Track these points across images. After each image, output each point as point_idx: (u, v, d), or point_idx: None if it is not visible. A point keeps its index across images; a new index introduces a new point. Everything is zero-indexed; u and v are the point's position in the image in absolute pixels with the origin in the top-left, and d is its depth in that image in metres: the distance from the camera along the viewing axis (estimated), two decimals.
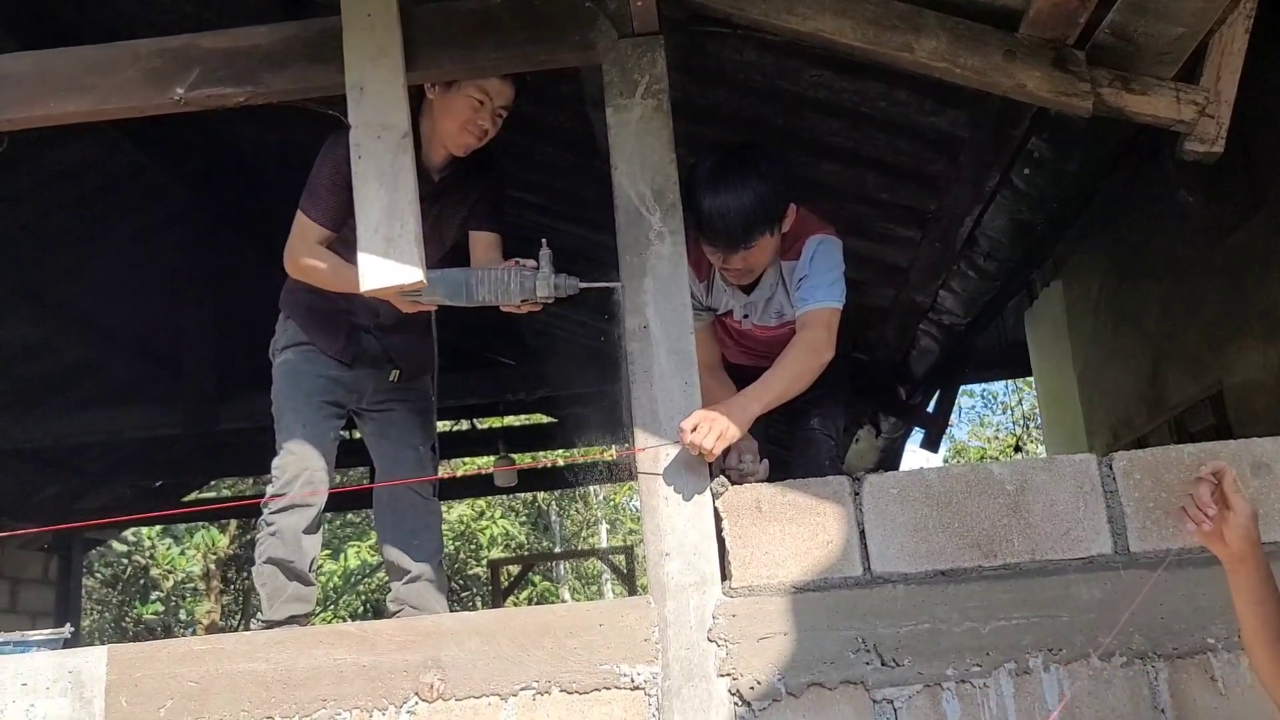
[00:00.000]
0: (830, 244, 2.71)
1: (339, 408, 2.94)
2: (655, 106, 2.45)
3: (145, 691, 2.25)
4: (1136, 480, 2.22)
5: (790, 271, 2.74)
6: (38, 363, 6.51)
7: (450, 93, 2.68)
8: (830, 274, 2.67)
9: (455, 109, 2.69)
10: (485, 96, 2.68)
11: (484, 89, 2.67)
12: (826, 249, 2.70)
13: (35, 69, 2.61)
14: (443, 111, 2.71)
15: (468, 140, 2.73)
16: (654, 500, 2.27)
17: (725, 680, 2.15)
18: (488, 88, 2.67)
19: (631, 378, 2.35)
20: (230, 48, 2.58)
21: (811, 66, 2.88)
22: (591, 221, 4.39)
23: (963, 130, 2.95)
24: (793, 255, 2.73)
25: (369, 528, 16.07)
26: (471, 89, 2.67)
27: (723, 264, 2.70)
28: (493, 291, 2.45)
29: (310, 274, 2.75)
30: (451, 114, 2.70)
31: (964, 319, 4.33)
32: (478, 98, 2.67)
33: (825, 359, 2.57)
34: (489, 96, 2.68)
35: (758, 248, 2.63)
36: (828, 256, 2.69)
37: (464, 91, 2.67)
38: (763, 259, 2.70)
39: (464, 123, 2.70)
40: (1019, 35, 2.30)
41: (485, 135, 2.74)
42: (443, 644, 2.24)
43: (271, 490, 2.78)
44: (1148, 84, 2.29)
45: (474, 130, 2.71)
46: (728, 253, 2.64)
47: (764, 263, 2.72)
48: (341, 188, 2.57)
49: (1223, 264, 4.20)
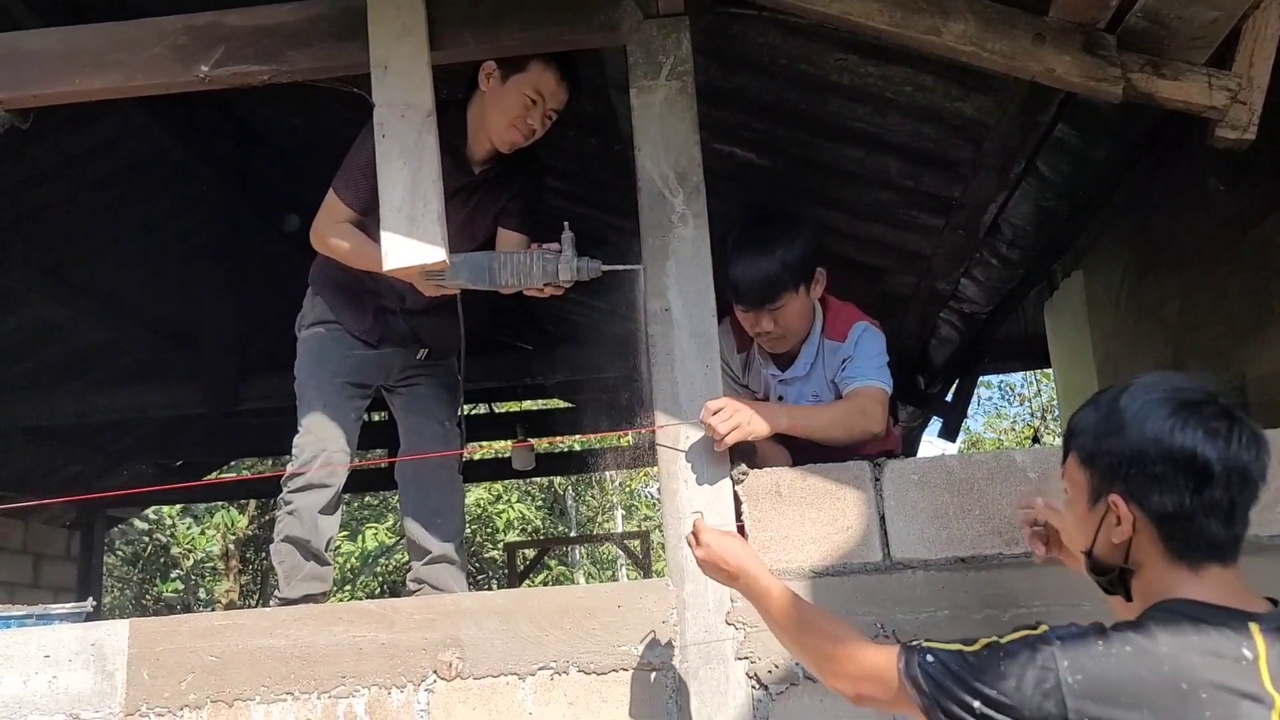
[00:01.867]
0: (875, 333, 2.75)
1: (364, 388, 2.95)
2: (680, 88, 2.44)
3: (166, 665, 2.27)
4: None
5: (834, 351, 2.76)
6: (61, 342, 6.56)
7: (505, 87, 2.64)
8: (878, 358, 2.68)
9: (507, 104, 2.66)
10: (539, 96, 2.65)
11: (539, 88, 2.64)
12: (872, 335, 2.73)
13: (62, 45, 2.63)
14: (494, 104, 2.67)
15: (514, 138, 2.70)
16: (674, 483, 2.27)
17: (743, 663, 2.15)
18: (543, 87, 2.64)
19: (652, 361, 2.35)
20: (256, 25, 2.59)
21: (837, 50, 2.86)
22: (612, 206, 4.39)
23: (989, 116, 2.92)
24: (838, 336, 2.75)
25: (387, 509, 16.17)
26: (527, 86, 2.63)
27: (754, 326, 2.71)
28: (515, 275, 2.46)
29: (335, 250, 2.75)
30: (502, 108, 2.67)
31: (985, 308, 4.31)
32: (531, 96, 2.64)
33: (871, 429, 2.54)
34: (543, 96, 2.65)
35: (786, 308, 2.66)
36: (874, 342, 2.72)
37: (519, 87, 2.64)
38: (793, 323, 2.72)
39: (513, 119, 2.67)
40: (1049, 18, 2.28)
41: (533, 135, 2.71)
42: (462, 623, 2.25)
43: (291, 468, 2.80)
44: (1179, 69, 2.26)
45: (522, 128, 2.68)
46: (757, 311, 2.67)
47: (795, 328, 2.74)
48: (374, 174, 2.56)
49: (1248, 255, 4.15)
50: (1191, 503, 1.36)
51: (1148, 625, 1.33)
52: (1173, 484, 1.37)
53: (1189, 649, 1.29)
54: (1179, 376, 1.45)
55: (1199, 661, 1.28)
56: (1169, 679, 1.27)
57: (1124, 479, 1.41)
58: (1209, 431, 1.36)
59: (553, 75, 2.64)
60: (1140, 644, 1.31)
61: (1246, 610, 1.35)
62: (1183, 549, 1.38)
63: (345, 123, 2.85)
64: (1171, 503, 1.37)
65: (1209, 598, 1.36)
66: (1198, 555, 1.38)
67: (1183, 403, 1.39)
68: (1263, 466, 1.39)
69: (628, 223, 2.57)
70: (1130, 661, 1.30)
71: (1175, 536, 1.38)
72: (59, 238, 5.68)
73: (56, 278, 5.87)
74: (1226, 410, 1.39)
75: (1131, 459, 1.40)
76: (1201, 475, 1.36)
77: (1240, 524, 1.39)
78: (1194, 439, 1.36)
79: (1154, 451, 1.38)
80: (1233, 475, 1.36)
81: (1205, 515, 1.37)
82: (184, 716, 2.25)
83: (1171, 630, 1.31)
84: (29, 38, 2.66)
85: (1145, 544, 1.41)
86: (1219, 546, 1.38)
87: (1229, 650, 1.30)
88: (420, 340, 2.98)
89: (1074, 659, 1.31)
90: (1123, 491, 1.41)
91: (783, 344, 2.79)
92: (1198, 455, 1.35)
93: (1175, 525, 1.38)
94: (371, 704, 2.22)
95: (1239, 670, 1.28)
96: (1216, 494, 1.36)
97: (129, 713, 2.26)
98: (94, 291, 6.16)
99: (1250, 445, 1.37)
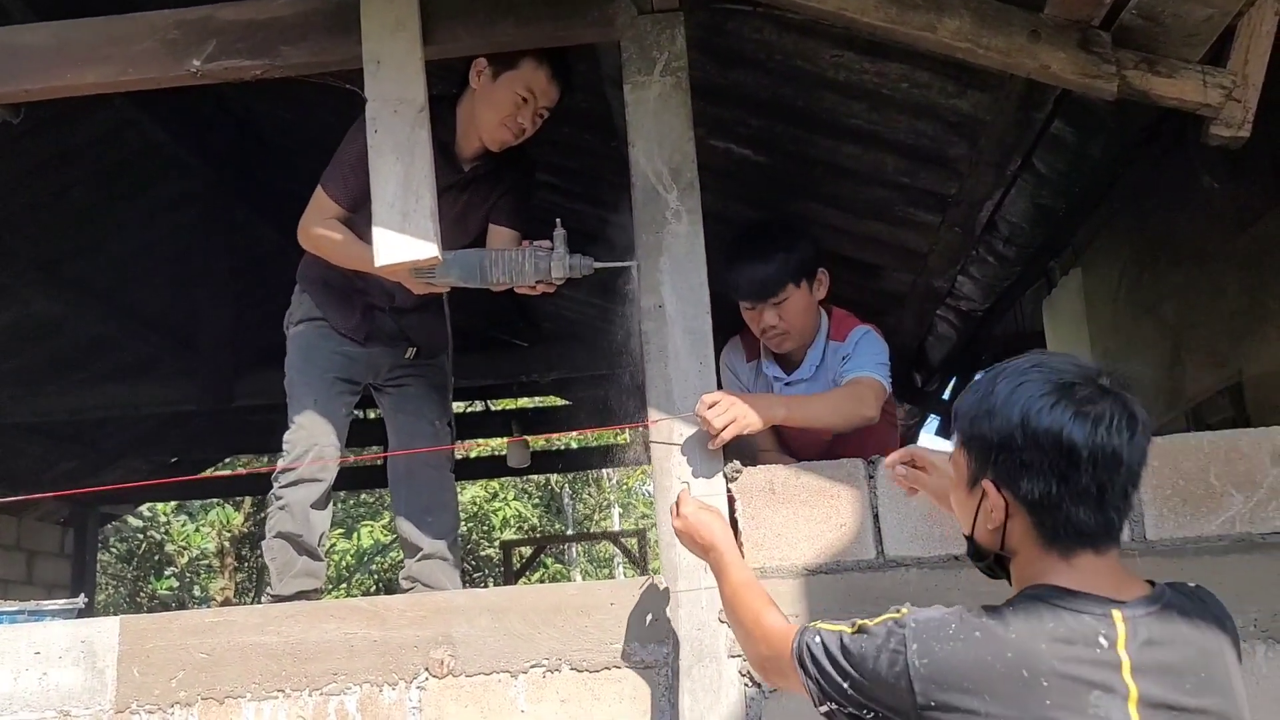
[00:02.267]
0: (877, 337, 2.80)
1: (353, 384, 2.94)
2: (674, 84, 2.43)
3: (156, 662, 2.26)
4: (1154, 468, 2.20)
5: (834, 351, 2.82)
6: (55, 337, 6.54)
7: (495, 84, 2.62)
8: (876, 357, 2.72)
9: (498, 101, 2.64)
10: (530, 94, 2.63)
11: (530, 86, 2.62)
12: (873, 338, 2.79)
13: (54, 39, 2.62)
14: (484, 101, 2.65)
15: (504, 136, 2.68)
16: (667, 480, 2.26)
17: (736, 661, 2.15)
18: (534, 85, 2.62)
19: (646, 357, 2.34)
20: (248, 20, 2.57)
21: (832, 47, 2.85)
22: (607, 202, 4.37)
23: (985, 113, 2.91)
24: (840, 338, 2.81)
25: (382, 507, 16.15)
26: (518, 84, 2.61)
27: (759, 323, 2.76)
28: (507, 272, 2.44)
29: (321, 246, 2.73)
30: (493, 105, 2.64)
31: (982, 305, 4.30)
32: (522, 94, 2.62)
33: (866, 414, 2.57)
34: (534, 94, 2.63)
35: (789, 302, 2.73)
36: (874, 344, 2.77)
37: (510, 85, 2.62)
38: (797, 319, 2.77)
39: (504, 117, 2.65)
40: (1044, 15, 2.27)
41: (523, 134, 2.69)
42: (454, 620, 2.24)
43: (281, 464, 2.79)
44: (1174, 67, 2.25)
45: (512, 127, 2.66)
46: (760, 306, 2.73)
47: (800, 325, 2.79)
48: (364, 172, 2.54)
49: (1245, 253, 4.15)
50: (1058, 490, 1.32)
51: (1004, 611, 1.31)
52: (1038, 469, 1.32)
53: (1038, 636, 1.26)
54: (1060, 357, 1.40)
55: (1046, 649, 1.25)
56: (1012, 665, 1.25)
57: (994, 464, 1.37)
58: (1078, 414, 1.31)
59: (544, 73, 2.62)
60: (990, 630, 1.28)
61: (1113, 597, 1.31)
62: (1053, 536, 1.34)
63: (340, 118, 2.83)
64: (1038, 489, 1.33)
65: (1076, 585, 1.32)
66: (1068, 542, 1.34)
67: (1055, 384, 1.34)
68: (1140, 450, 1.33)
69: (622, 219, 2.56)
70: (976, 647, 1.27)
71: (1044, 523, 1.34)
72: (52, 233, 5.66)
73: (49, 273, 5.85)
74: (1103, 390, 1.33)
75: (1000, 444, 1.36)
76: (1067, 460, 1.31)
77: (1114, 510, 1.34)
78: (1060, 421, 1.31)
79: (1020, 436, 1.33)
80: (1100, 459, 1.30)
81: (1072, 502, 1.32)
82: (175, 714, 2.24)
83: (1026, 616, 1.28)
84: (20, 32, 2.65)
85: (1019, 530, 1.37)
86: (1089, 534, 1.33)
87: (1083, 638, 1.26)
88: (408, 339, 2.97)
89: (923, 643, 1.30)
90: (993, 477, 1.37)
91: (788, 341, 2.81)
92: (1063, 439, 1.30)
93: (1044, 512, 1.34)
94: (363, 701, 2.21)
95: (1092, 658, 1.25)
96: (1083, 480, 1.31)
97: (119, 710, 2.25)
98: (87, 287, 6.15)
99: (1124, 427, 1.31)
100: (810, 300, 2.79)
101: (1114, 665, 1.25)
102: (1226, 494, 2.18)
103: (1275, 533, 2.15)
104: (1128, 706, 1.24)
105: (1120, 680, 1.25)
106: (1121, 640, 1.27)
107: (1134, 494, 1.36)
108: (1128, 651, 1.26)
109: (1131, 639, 1.27)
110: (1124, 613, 1.29)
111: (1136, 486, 1.36)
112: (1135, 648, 1.27)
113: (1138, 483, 1.36)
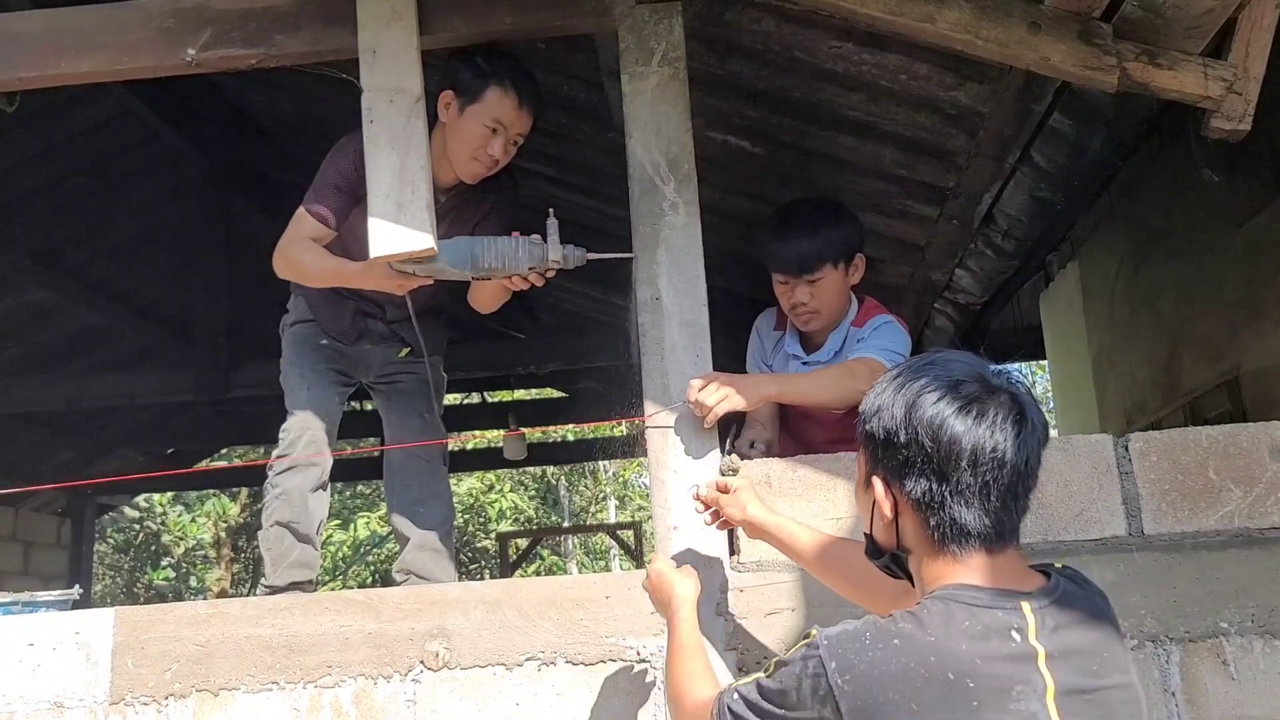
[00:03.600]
0: (897, 326, 2.77)
1: (345, 376, 2.95)
2: (672, 75, 2.42)
3: (151, 654, 2.26)
4: (1153, 462, 2.20)
5: (854, 337, 2.80)
6: (51, 328, 6.53)
7: (463, 118, 2.55)
8: (887, 342, 2.68)
9: (467, 135, 2.56)
10: (499, 124, 2.55)
11: (497, 117, 2.54)
12: (894, 327, 2.75)
13: (47, 28, 2.60)
14: (453, 137, 2.58)
15: (476, 170, 2.62)
16: (663, 473, 2.26)
17: (732, 655, 2.14)
18: (502, 115, 2.54)
19: (642, 350, 2.33)
20: (243, 9, 2.56)
21: (831, 38, 2.83)
22: (605, 194, 4.36)
23: (984, 105, 2.90)
24: (859, 324, 2.80)
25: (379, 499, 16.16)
26: (485, 116, 2.53)
27: (790, 297, 2.74)
28: (500, 260, 2.39)
29: (295, 268, 2.68)
30: (463, 140, 2.57)
31: (980, 298, 4.29)
32: (490, 125, 2.54)
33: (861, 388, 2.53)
34: (503, 125, 2.55)
35: (823, 281, 2.71)
36: (891, 332, 2.73)
37: (477, 118, 2.54)
38: (829, 299, 2.75)
39: (474, 151, 2.57)
40: (1044, 6, 2.26)
41: (496, 165, 2.61)
42: (449, 613, 2.23)
43: (276, 453, 2.79)
44: (1175, 59, 2.24)
45: (484, 159, 2.59)
46: (794, 281, 2.70)
47: (830, 306, 2.78)
48: (346, 190, 2.56)
49: (1243, 247, 4.15)
50: (938, 487, 1.30)
51: (918, 615, 1.27)
52: (920, 467, 1.31)
53: (957, 637, 1.24)
54: (957, 356, 1.37)
55: (967, 649, 1.23)
56: (935, 669, 1.22)
57: (881, 461, 1.36)
58: (961, 410, 1.29)
59: (511, 101, 2.54)
60: (908, 635, 1.25)
61: (1018, 589, 1.30)
62: (941, 536, 1.32)
63: (336, 108, 2.83)
64: (921, 488, 1.31)
65: (981, 581, 1.30)
66: (958, 542, 1.31)
67: (943, 381, 1.32)
68: (1029, 449, 1.30)
69: (620, 210, 2.55)
70: (897, 655, 1.24)
71: (930, 523, 1.32)
72: (48, 222, 5.65)
73: (45, 263, 5.84)
74: (992, 389, 1.31)
75: (885, 440, 1.34)
76: (946, 456, 1.29)
77: (1004, 509, 1.31)
78: (941, 417, 1.29)
79: (903, 433, 1.32)
80: (981, 458, 1.28)
81: (955, 501, 1.30)
82: (169, 706, 2.23)
83: (941, 618, 1.26)
84: (14, 20, 2.64)
85: (910, 529, 1.36)
86: (977, 534, 1.31)
87: (998, 633, 1.25)
88: (401, 340, 2.97)
89: (841, 659, 1.26)
90: (882, 474, 1.36)
91: (816, 320, 2.80)
92: (942, 435, 1.28)
93: (929, 511, 1.32)
94: (358, 694, 2.20)
95: (1009, 653, 1.24)
96: (964, 478, 1.28)
97: (114, 701, 2.24)
98: (84, 277, 6.14)
99: (1009, 425, 1.29)
100: (844, 283, 2.78)
101: (1030, 657, 1.25)
102: (1225, 489, 2.17)
103: (1273, 528, 2.15)
104: (1046, 699, 1.23)
105: (1037, 672, 1.24)
106: (1033, 631, 1.26)
107: (1027, 495, 1.34)
108: (1040, 641, 1.26)
109: (1041, 629, 1.27)
110: (1031, 604, 1.28)
111: (1029, 487, 1.33)
112: (1046, 637, 1.26)
113: (1030, 484, 1.33)
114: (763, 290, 2.95)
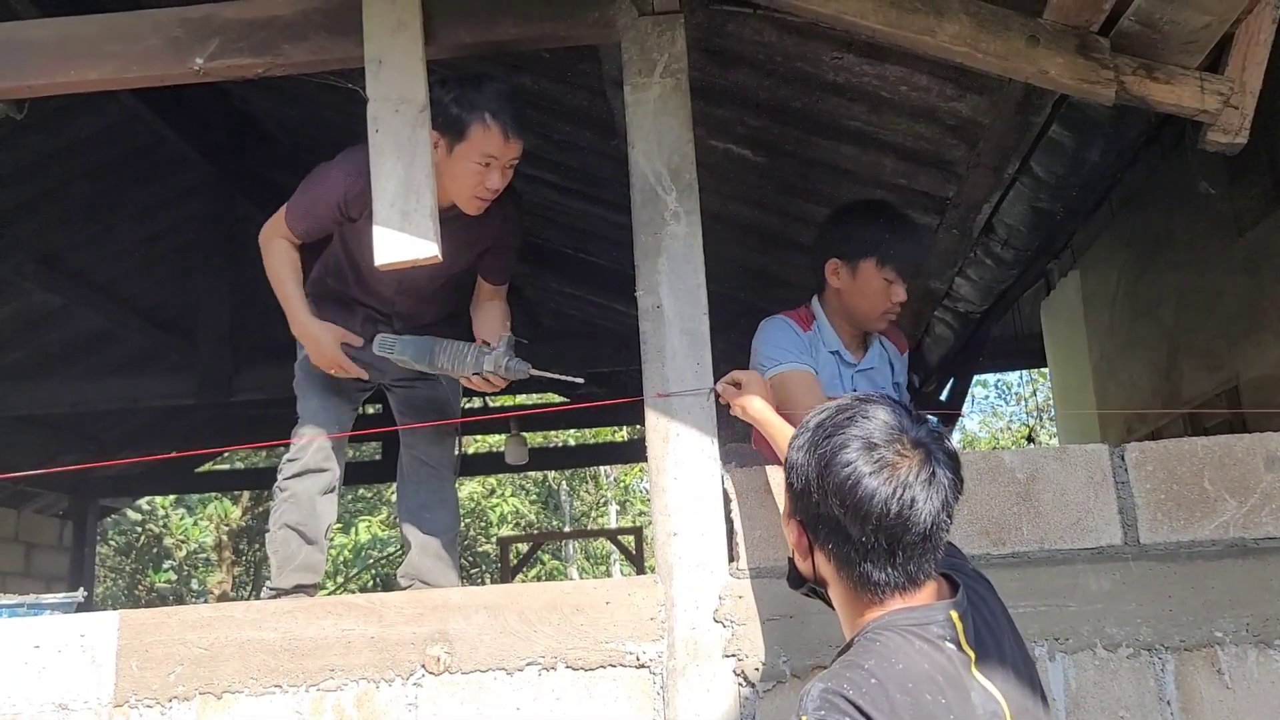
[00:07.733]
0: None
1: (360, 381, 2.96)
2: (674, 85, 2.44)
3: (155, 657, 2.27)
4: (1149, 472, 2.21)
5: (900, 359, 2.89)
6: (56, 330, 6.56)
7: (452, 158, 2.53)
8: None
9: (461, 174, 2.55)
10: (491, 158, 2.53)
11: (486, 152, 2.51)
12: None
13: (57, 35, 2.62)
14: (448, 176, 2.56)
15: (480, 205, 2.62)
16: (663, 480, 2.27)
17: (730, 661, 2.16)
18: (489, 149, 2.51)
19: (644, 357, 2.35)
20: (250, 18, 2.58)
21: (832, 49, 2.86)
22: (608, 201, 4.38)
23: (983, 116, 2.92)
24: (897, 343, 2.89)
25: (381, 502, 16.17)
26: (474, 154, 2.51)
27: (892, 296, 2.68)
28: (451, 361, 2.64)
29: (266, 255, 2.81)
30: (459, 180, 2.56)
31: (980, 307, 4.31)
32: (482, 162, 2.53)
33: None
34: (495, 157, 2.53)
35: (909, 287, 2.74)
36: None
37: (466, 157, 2.52)
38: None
39: (474, 189, 2.56)
40: (1043, 20, 2.28)
41: (496, 194, 2.60)
42: (450, 617, 2.25)
43: (287, 457, 2.82)
44: (1172, 73, 2.26)
45: (483, 194, 2.58)
46: (903, 282, 2.68)
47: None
48: (322, 215, 2.66)
49: (1242, 258, 4.17)
50: (845, 545, 1.34)
51: (873, 649, 1.30)
52: (829, 523, 1.34)
53: (917, 658, 1.28)
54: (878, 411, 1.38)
55: (928, 668, 1.27)
56: (913, 694, 1.25)
57: (801, 510, 1.41)
58: (871, 475, 1.31)
59: (497, 134, 2.51)
60: (882, 670, 1.27)
61: (940, 599, 1.35)
62: (854, 586, 1.36)
63: (341, 115, 2.85)
64: (832, 544, 1.36)
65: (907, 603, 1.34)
66: (871, 592, 1.35)
67: (860, 441, 1.34)
68: (935, 510, 1.31)
69: (623, 217, 2.57)
70: (881, 692, 1.25)
71: (842, 573, 1.37)
72: (54, 226, 5.67)
73: (51, 267, 5.86)
74: (904, 449, 1.33)
75: (800, 491, 1.38)
76: (854, 521, 1.31)
77: (913, 563, 1.33)
78: (852, 482, 1.31)
79: (816, 489, 1.35)
80: (886, 521, 1.30)
81: (863, 558, 1.33)
82: (173, 708, 2.25)
83: (895, 646, 1.29)
84: (24, 28, 2.66)
85: (828, 571, 1.40)
86: (887, 585, 1.34)
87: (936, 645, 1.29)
88: None
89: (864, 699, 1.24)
90: (799, 520, 1.41)
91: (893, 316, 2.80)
92: (849, 501, 1.31)
93: (840, 563, 1.36)
94: (360, 697, 2.22)
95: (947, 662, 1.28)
96: (870, 539, 1.31)
97: (118, 704, 2.26)
98: (88, 281, 6.16)
99: (918, 485, 1.31)
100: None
101: (965, 663, 1.30)
102: (1220, 499, 2.19)
103: (1268, 538, 2.16)
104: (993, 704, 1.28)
105: (972, 678, 1.29)
106: (962, 637, 1.31)
107: (940, 544, 1.36)
108: (970, 646, 1.31)
109: (968, 633, 1.32)
110: (955, 611, 1.33)
111: (941, 539, 1.35)
112: (973, 639, 1.32)
113: (942, 534, 1.35)
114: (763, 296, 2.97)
